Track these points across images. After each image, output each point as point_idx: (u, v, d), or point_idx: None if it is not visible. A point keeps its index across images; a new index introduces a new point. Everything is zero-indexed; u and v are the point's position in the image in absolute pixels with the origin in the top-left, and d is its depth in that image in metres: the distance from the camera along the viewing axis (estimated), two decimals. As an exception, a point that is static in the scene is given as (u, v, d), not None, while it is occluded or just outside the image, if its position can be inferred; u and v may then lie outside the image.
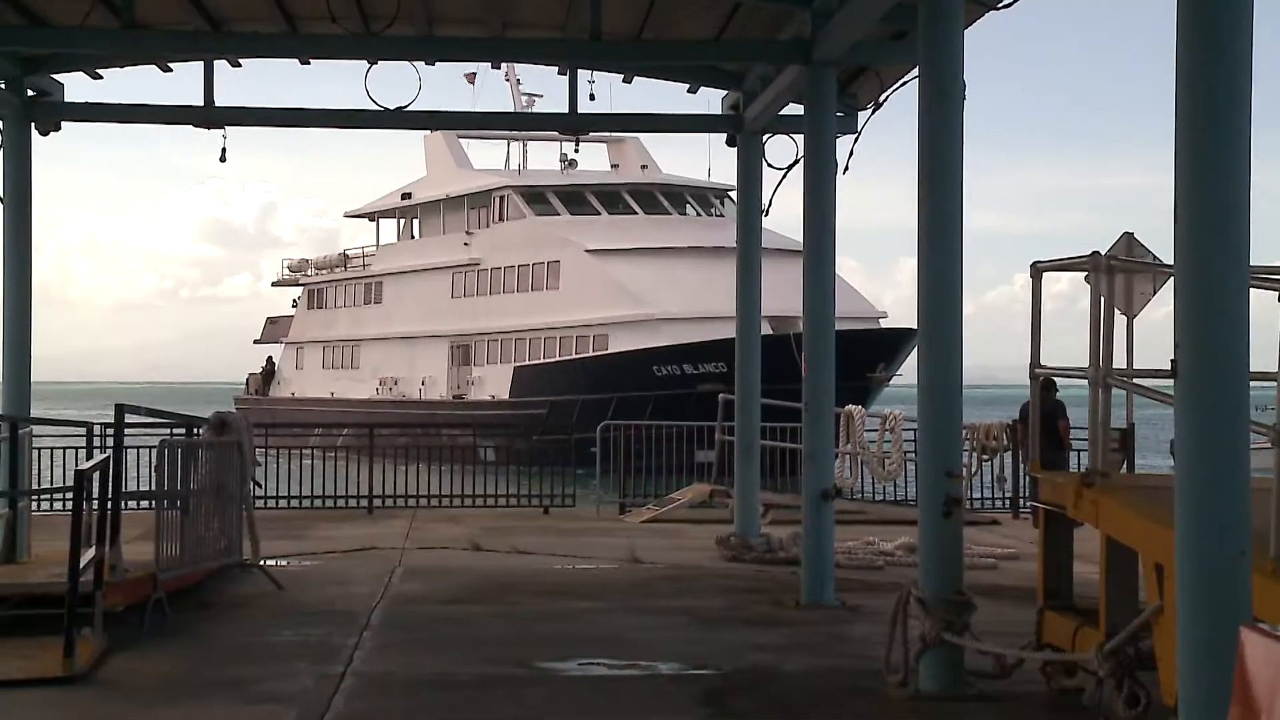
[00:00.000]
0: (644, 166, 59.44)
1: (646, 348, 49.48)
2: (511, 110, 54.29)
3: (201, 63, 16.88)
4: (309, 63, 16.74)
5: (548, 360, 54.72)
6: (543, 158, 64.11)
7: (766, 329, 47.71)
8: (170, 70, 17.32)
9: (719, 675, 10.67)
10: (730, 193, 56.45)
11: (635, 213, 56.83)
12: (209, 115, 17.14)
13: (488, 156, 65.79)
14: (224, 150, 18.04)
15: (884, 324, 52.42)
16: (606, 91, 18.40)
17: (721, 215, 56.35)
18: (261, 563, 15.18)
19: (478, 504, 23.49)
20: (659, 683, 10.57)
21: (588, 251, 53.95)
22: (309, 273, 73.84)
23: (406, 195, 66.53)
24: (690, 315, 48.76)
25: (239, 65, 17.02)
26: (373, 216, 70.61)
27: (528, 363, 55.54)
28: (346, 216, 74.12)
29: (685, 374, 46.08)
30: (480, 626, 12.72)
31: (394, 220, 69.02)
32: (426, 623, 12.83)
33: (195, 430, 15.75)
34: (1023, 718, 9.59)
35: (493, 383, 56.87)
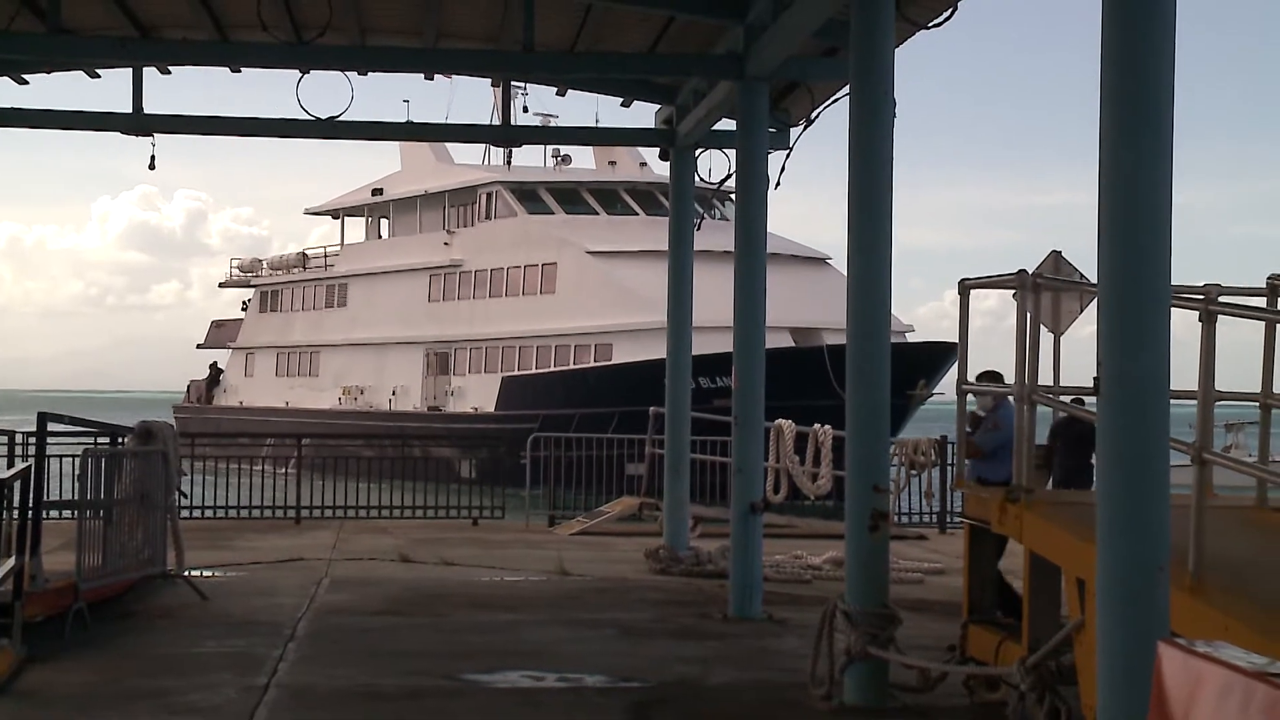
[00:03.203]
0: (643, 164, 54.73)
1: (657, 358, 43.71)
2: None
3: (130, 69, 16.73)
4: (240, 71, 16.64)
5: (541, 370, 49.80)
6: (526, 152, 58.57)
7: (788, 340, 45.56)
8: (98, 76, 17.16)
9: (645, 688, 10.67)
10: (731, 195, 52.46)
11: (635, 213, 52.29)
12: (138, 122, 16.99)
13: (465, 150, 60.19)
14: (153, 157, 17.90)
15: (910, 338, 47.48)
16: (538, 103, 18.30)
17: (726, 219, 51.09)
18: (186, 573, 15.04)
19: (406, 515, 23.38)
20: (585, 695, 10.56)
21: (589, 253, 49.34)
22: (262, 273, 68.81)
23: (378, 191, 61.87)
24: (704, 324, 42.05)
25: (168, 72, 16.89)
26: (337, 214, 65.93)
27: (518, 372, 50.59)
28: (307, 213, 69.30)
29: (700, 388, 39.69)
30: (407, 638, 12.65)
31: (362, 219, 64.26)
32: (352, 634, 12.75)
33: (120, 439, 15.59)
34: (946, 731, 9.65)
35: (475, 393, 52.07)
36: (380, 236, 63.05)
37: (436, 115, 54.18)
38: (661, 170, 18.81)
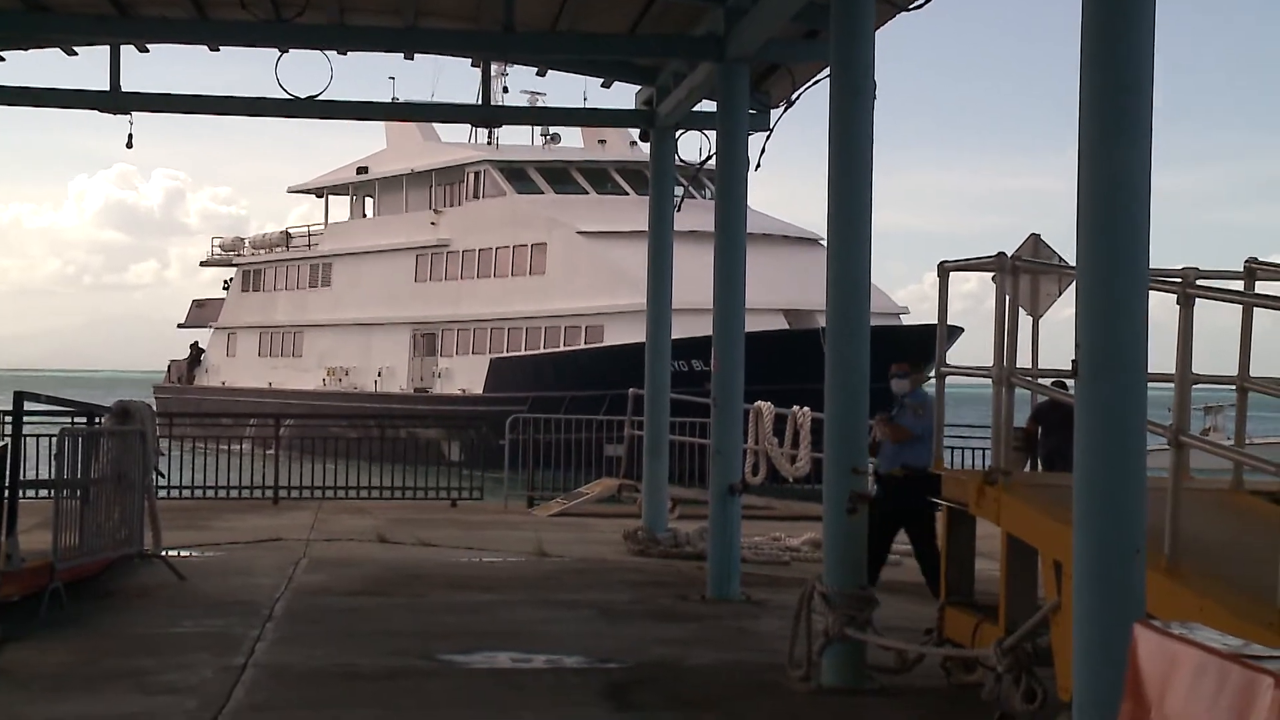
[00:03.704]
0: (633, 143, 52.11)
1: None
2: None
3: (108, 47, 16.64)
4: (218, 49, 16.56)
5: (531, 352, 48.81)
6: (514, 131, 57.42)
7: (782, 322, 45.35)
8: (75, 54, 17.06)
9: (623, 669, 10.69)
10: None
11: (626, 193, 50.67)
12: (115, 100, 16.91)
13: (452, 128, 57.93)
14: (130, 136, 17.77)
15: (905, 320, 47.01)
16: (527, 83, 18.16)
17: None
18: (163, 553, 15.01)
19: (384, 496, 23.36)
20: (563, 676, 10.57)
21: (580, 233, 48.18)
22: (244, 252, 67.70)
23: (362, 169, 60.29)
24: (698, 306, 38.51)
25: (146, 50, 16.80)
26: (321, 192, 64.20)
27: (506, 354, 49.63)
28: (291, 191, 67.95)
29: (694, 371, 38.41)
30: (385, 618, 12.65)
31: (346, 197, 62.84)
32: (330, 614, 12.74)
33: (97, 418, 15.53)
34: (922, 712, 9.68)
35: (463, 375, 51.04)
36: (365, 215, 61.95)
37: (422, 93, 53.15)
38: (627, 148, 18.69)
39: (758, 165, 15.48)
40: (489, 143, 54.30)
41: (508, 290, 50.54)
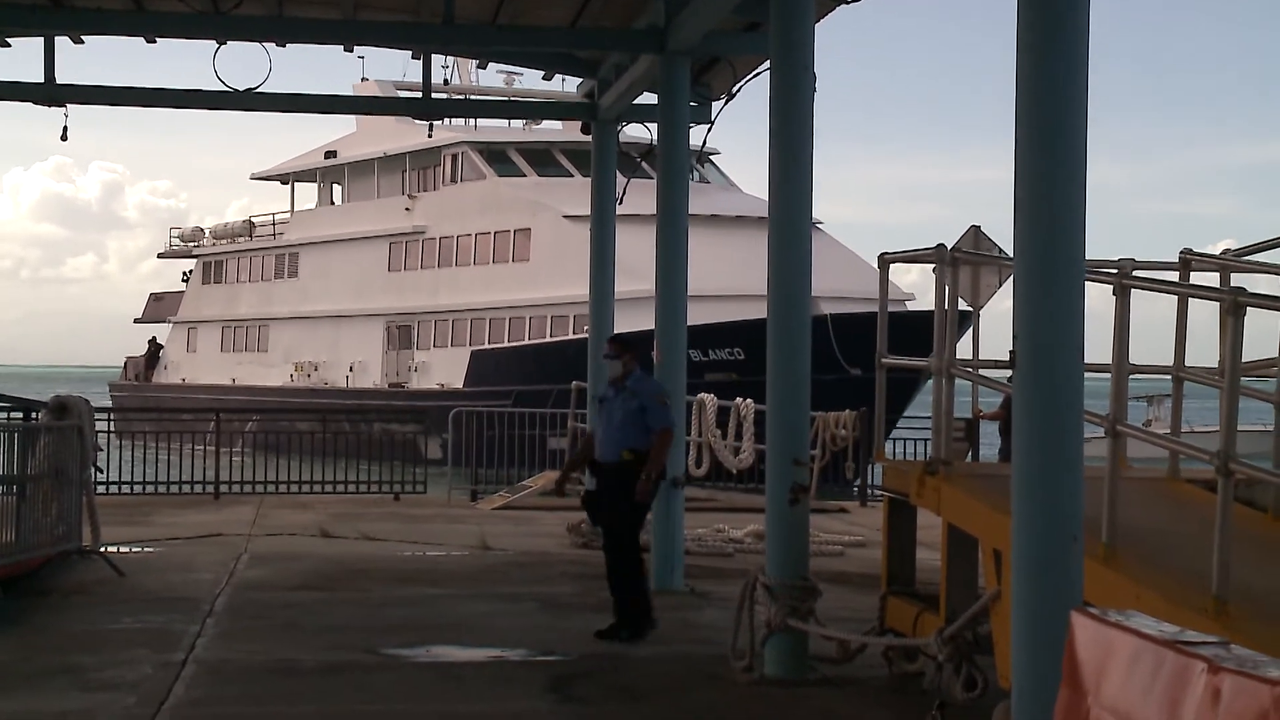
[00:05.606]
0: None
1: (643, 330, 37.44)
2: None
3: (42, 38, 16.45)
4: (155, 41, 16.40)
5: (515, 343, 46.52)
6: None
7: None
8: (9, 45, 16.84)
9: (566, 661, 10.69)
10: (711, 156, 47.52)
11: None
12: (50, 92, 16.70)
13: None
14: (65, 129, 17.58)
15: (911, 306, 43.60)
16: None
17: (706, 181, 47.35)
18: (102, 549, 14.87)
19: (326, 490, 23.23)
20: (506, 669, 10.56)
21: (566, 217, 45.16)
22: (205, 242, 64.31)
23: (330, 154, 57.42)
24: (694, 293, 32.53)
25: (81, 42, 16.61)
26: (286, 179, 61.61)
27: (488, 346, 47.41)
28: (253, 178, 64.96)
29: (691, 361, 33.39)
30: (327, 613, 12.59)
31: (313, 184, 59.92)
32: (272, 609, 12.67)
33: (34, 414, 15.37)
34: (864, 701, 9.73)
35: (442, 369, 48.86)
36: (333, 202, 59.47)
37: (392, 73, 50.31)
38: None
39: (698, 158, 15.50)
40: (429, 133, 52.91)
41: (489, 279, 48.44)
